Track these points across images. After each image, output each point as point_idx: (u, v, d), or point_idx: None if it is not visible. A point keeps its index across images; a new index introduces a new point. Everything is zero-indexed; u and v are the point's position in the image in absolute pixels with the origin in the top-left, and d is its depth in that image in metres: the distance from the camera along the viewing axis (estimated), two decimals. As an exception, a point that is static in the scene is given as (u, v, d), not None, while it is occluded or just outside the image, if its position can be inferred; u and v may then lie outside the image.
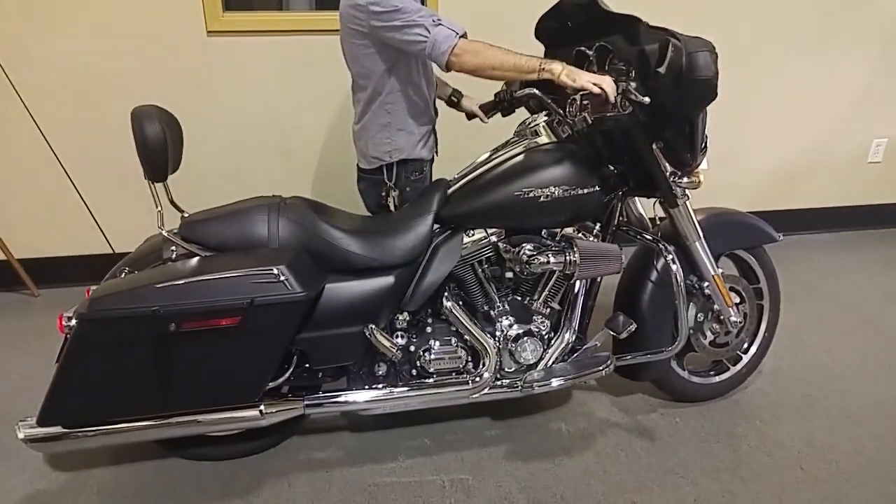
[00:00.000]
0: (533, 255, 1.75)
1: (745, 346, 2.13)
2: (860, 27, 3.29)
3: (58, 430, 1.57)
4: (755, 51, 3.21)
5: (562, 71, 1.64)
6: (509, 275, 1.86)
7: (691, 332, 1.97)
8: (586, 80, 1.62)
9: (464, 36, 1.71)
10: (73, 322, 1.45)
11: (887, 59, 3.39)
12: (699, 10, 3.02)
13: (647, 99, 1.54)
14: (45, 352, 2.42)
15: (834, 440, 1.96)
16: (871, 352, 2.45)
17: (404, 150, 1.92)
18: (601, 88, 1.60)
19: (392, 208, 1.98)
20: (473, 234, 1.79)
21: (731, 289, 1.99)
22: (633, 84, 1.57)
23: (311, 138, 2.92)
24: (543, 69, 1.66)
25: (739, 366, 2.14)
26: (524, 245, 1.78)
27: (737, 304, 1.97)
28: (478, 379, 1.82)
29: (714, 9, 3.07)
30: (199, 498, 1.73)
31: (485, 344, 1.81)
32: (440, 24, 1.69)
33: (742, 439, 1.96)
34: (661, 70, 1.52)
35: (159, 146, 1.51)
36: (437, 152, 2.11)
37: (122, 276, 1.61)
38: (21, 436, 1.56)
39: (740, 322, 1.99)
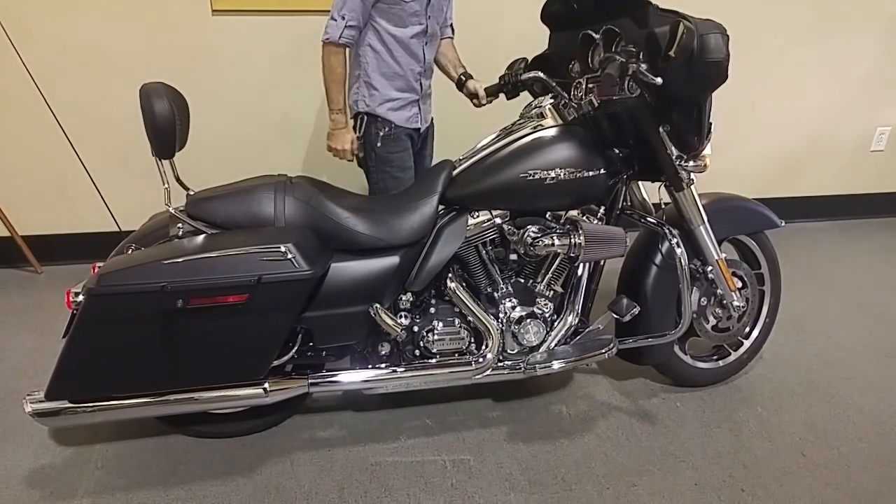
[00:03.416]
0: (537, 238, 1.76)
1: (747, 331, 2.14)
2: (864, 15, 3.28)
3: (64, 404, 1.58)
4: (759, 39, 3.20)
5: (329, 130, 2.06)
6: (513, 257, 1.87)
7: (694, 316, 1.97)
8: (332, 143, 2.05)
9: (337, 45, 1.98)
10: (81, 297, 1.46)
11: (891, 48, 3.38)
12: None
13: (659, 80, 1.53)
14: (48, 328, 2.43)
15: (835, 426, 1.97)
16: (873, 338, 2.46)
17: (370, 105, 2.07)
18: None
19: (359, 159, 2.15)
20: (478, 216, 1.80)
21: (734, 274, 1.99)
22: (643, 66, 1.56)
23: (315, 117, 2.92)
24: (332, 112, 2.04)
25: (741, 351, 2.15)
26: (529, 227, 1.78)
27: (739, 289, 1.98)
28: (480, 360, 1.83)
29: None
30: (201, 475, 1.74)
31: (488, 325, 1.81)
32: (334, 20, 1.96)
33: (743, 424, 1.97)
34: (672, 52, 1.51)
35: (167, 123, 1.50)
36: (422, 129, 2.20)
37: (129, 252, 1.61)
38: (28, 409, 1.56)
39: (743, 307, 2.00)
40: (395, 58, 2.03)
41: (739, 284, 2.00)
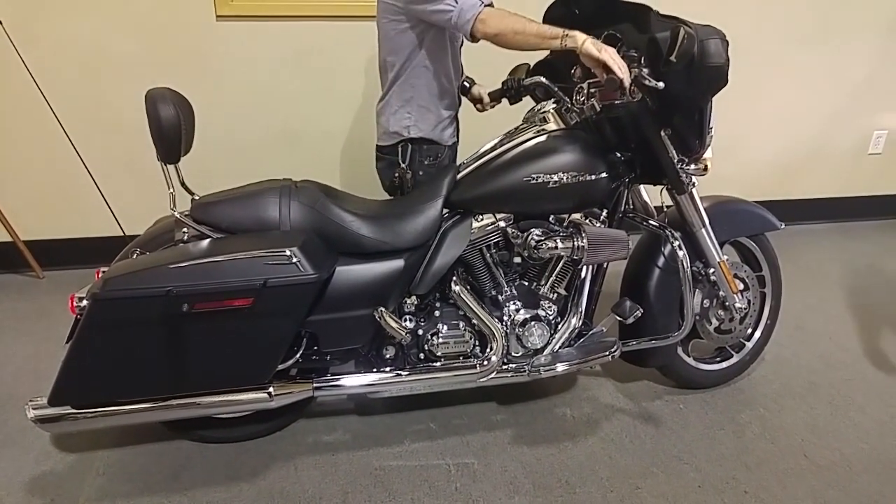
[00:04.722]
0: (541, 241, 1.76)
1: (749, 332, 2.15)
2: (861, 19, 3.31)
3: (67, 409, 1.57)
4: (758, 43, 3.22)
5: (585, 39, 1.62)
6: (517, 260, 1.87)
7: (697, 318, 1.99)
8: (611, 53, 1.60)
9: (490, 6, 1.72)
10: (86, 302, 1.45)
11: (888, 52, 3.41)
12: (701, 2, 3.02)
13: (661, 84, 1.55)
14: (49, 334, 2.42)
15: (837, 427, 1.98)
16: (873, 339, 2.48)
17: (423, 129, 1.93)
18: (618, 71, 1.58)
19: (404, 190, 1.99)
20: (482, 219, 1.80)
21: (735, 276, 2.01)
22: (645, 70, 1.58)
23: (319, 123, 2.93)
24: (567, 36, 1.64)
25: (743, 353, 2.16)
26: (532, 230, 1.79)
27: (741, 291, 1.99)
28: (485, 363, 1.83)
29: (716, 1, 3.07)
30: (204, 480, 1.74)
31: (492, 328, 1.82)
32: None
33: (746, 426, 1.97)
34: (673, 57, 1.53)
35: (173, 128, 1.51)
36: (457, 141, 2.11)
37: (134, 257, 1.61)
38: (30, 416, 1.56)
39: (745, 308, 2.01)
40: (447, 73, 1.92)
41: (741, 286, 2.01)
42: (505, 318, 1.87)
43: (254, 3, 2.69)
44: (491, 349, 1.83)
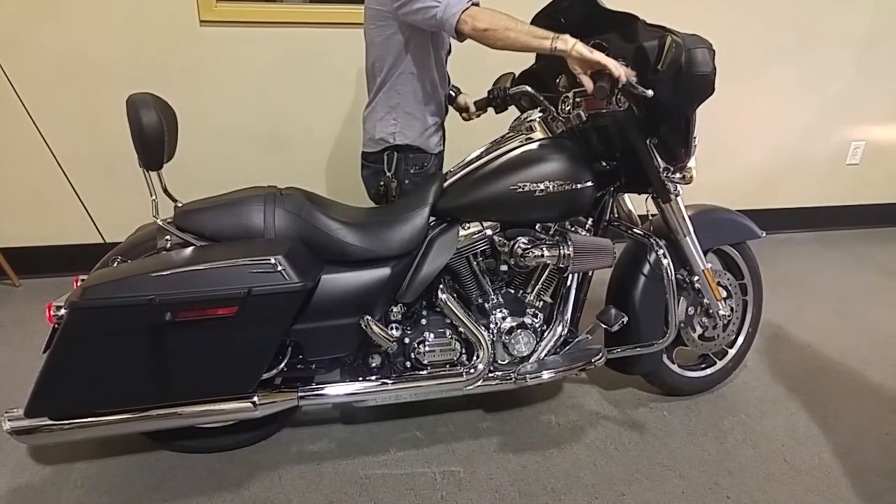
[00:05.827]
0: (527, 249, 1.77)
1: (731, 339, 2.17)
2: (839, 36, 3.39)
3: (44, 421, 1.53)
4: (739, 55, 3.28)
5: (576, 42, 1.61)
6: (504, 268, 1.87)
7: (681, 325, 2.00)
8: (601, 55, 1.59)
9: (476, 5, 1.69)
10: (64, 311, 1.42)
11: (864, 66, 3.50)
12: (681, 15, 3.06)
13: (650, 92, 1.56)
14: (26, 343, 2.36)
15: (816, 433, 2.01)
16: (850, 346, 2.52)
17: (408, 135, 1.92)
18: (613, 68, 1.56)
19: (389, 199, 1.98)
20: (469, 228, 1.80)
21: (719, 284, 2.03)
22: (633, 79, 1.59)
23: (302, 130, 2.91)
24: (557, 38, 1.62)
25: (725, 360, 2.18)
26: (519, 238, 1.79)
27: (724, 299, 2.01)
28: (472, 371, 1.82)
29: (696, 15, 3.12)
30: (187, 491, 1.71)
31: (479, 336, 1.82)
32: None
33: (728, 432, 1.99)
34: (661, 66, 1.54)
35: (156, 134, 1.48)
36: (443, 149, 2.11)
37: (115, 265, 1.58)
38: (6, 427, 1.52)
39: (728, 316, 2.03)
40: (432, 80, 1.92)
41: (725, 294, 2.04)
42: (491, 325, 1.87)
43: (238, 9, 2.68)
44: (477, 357, 1.83)
